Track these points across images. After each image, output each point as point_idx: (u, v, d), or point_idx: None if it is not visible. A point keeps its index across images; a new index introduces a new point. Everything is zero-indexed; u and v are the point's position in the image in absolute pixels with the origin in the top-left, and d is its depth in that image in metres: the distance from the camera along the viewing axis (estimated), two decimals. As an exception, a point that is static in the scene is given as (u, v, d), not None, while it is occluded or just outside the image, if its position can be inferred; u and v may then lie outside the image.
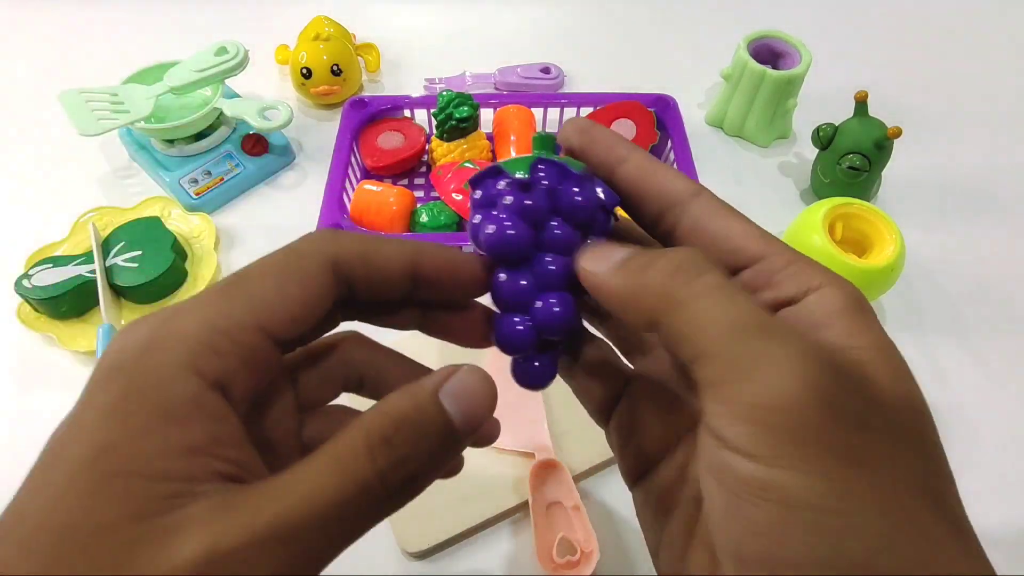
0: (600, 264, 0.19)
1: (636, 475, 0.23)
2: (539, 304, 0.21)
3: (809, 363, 0.15)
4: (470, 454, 0.21)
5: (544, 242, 0.21)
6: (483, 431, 0.21)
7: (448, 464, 0.18)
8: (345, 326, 0.23)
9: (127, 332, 0.18)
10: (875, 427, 0.16)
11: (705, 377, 0.17)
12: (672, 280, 0.18)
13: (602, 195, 0.21)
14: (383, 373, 0.23)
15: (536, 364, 0.22)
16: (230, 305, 0.18)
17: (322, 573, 0.16)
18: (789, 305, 0.19)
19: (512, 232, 0.20)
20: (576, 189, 0.21)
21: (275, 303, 0.18)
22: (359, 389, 0.23)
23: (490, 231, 0.21)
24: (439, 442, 0.18)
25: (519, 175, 0.21)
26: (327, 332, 0.22)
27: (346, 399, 0.23)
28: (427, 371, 0.21)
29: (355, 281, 0.20)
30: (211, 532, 0.15)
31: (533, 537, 0.42)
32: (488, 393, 0.19)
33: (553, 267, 0.21)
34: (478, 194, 0.22)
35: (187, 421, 0.16)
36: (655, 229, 0.22)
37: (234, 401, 0.18)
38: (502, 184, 0.21)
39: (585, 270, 0.20)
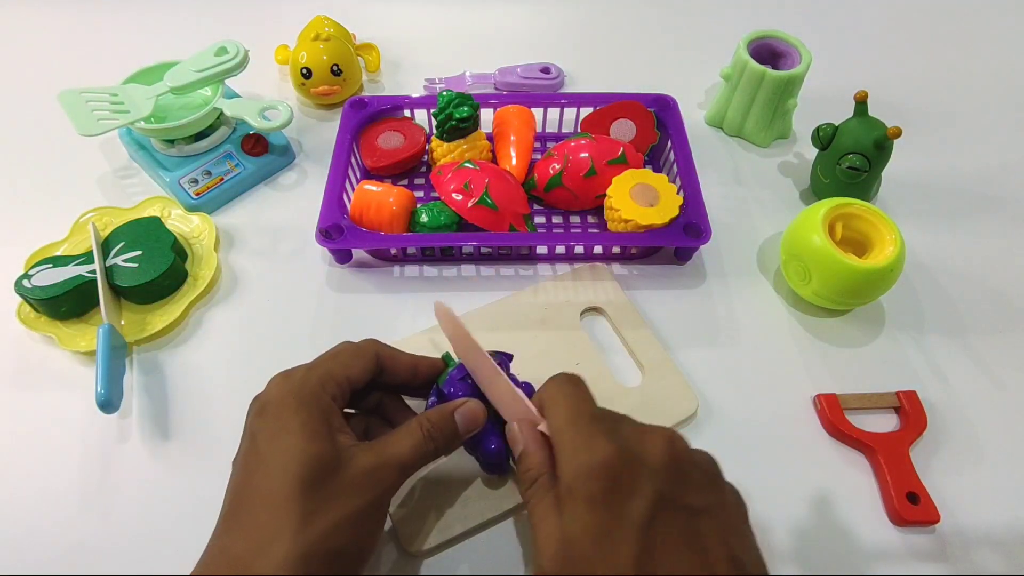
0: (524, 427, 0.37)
1: None
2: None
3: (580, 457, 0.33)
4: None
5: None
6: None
7: (454, 448, 0.39)
8: None
9: (284, 377, 0.37)
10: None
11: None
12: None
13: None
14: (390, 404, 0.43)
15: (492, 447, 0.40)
16: (333, 366, 0.38)
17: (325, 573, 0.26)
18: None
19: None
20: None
21: (351, 367, 0.38)
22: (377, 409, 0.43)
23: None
24: (451, 435, 0.38)
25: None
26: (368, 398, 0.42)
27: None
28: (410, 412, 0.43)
29: (384, 367, 0.40)
30: (367, 459, 0.35)
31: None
32: (479, 415, 0.39)
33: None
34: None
35: (331, 415, 0.36)
36: None
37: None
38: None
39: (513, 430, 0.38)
